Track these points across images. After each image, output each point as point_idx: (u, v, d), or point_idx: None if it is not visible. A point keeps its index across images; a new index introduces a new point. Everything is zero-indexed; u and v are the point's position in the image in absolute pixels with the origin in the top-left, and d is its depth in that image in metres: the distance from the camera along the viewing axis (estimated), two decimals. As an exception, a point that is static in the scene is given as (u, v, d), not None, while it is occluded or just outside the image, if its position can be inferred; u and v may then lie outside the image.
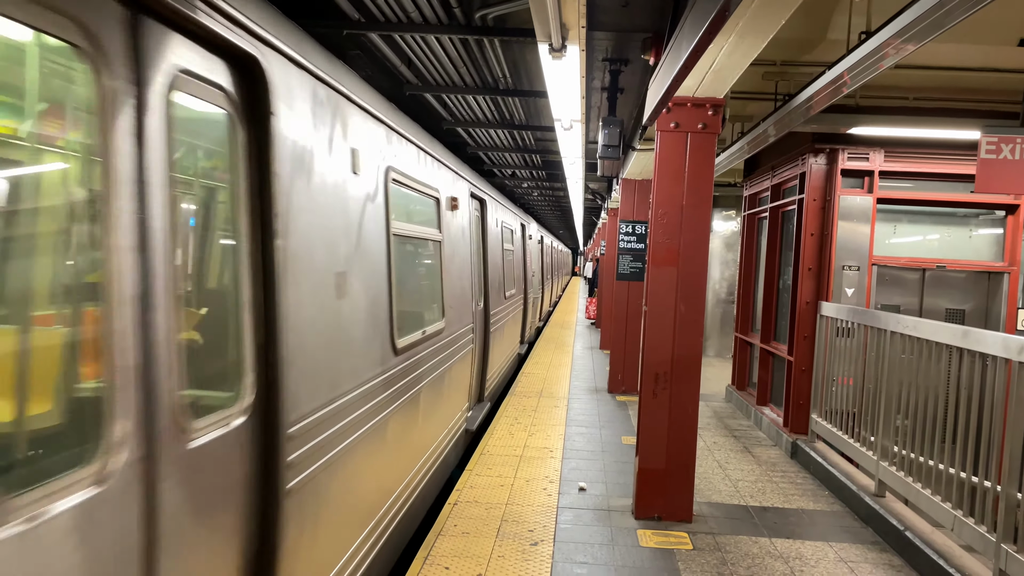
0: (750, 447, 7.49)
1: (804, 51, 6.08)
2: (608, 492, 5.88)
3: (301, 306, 2.89)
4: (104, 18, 1.85)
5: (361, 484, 3.77)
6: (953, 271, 7.39)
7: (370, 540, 3.97)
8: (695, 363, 5.29)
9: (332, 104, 3.33)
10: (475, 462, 6.53)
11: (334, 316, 3.30)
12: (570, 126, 7.01)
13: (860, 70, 4.35)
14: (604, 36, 5.75)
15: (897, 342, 5.29)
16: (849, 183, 7.13)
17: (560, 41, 4.19)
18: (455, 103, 8.69)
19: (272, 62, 2.69)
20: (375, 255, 4.00)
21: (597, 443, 7.41)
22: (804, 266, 7.19)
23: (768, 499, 5.88)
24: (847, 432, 6.14)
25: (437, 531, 4.91)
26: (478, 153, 12.82)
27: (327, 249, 3.22)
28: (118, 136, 1.90)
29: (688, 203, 5.20)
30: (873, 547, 4.99)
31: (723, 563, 4.63)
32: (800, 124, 6.09)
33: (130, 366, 1.91)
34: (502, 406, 8.96)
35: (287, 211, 2.77)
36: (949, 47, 5.62)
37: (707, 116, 5.12)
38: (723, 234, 14.15)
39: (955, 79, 6.40)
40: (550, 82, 5.39)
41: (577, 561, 4.57)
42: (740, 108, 8.01)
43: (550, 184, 18.68)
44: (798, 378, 7.23)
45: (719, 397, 10.13)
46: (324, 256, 3.18)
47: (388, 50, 6.30)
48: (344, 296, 3.44)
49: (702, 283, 5.28)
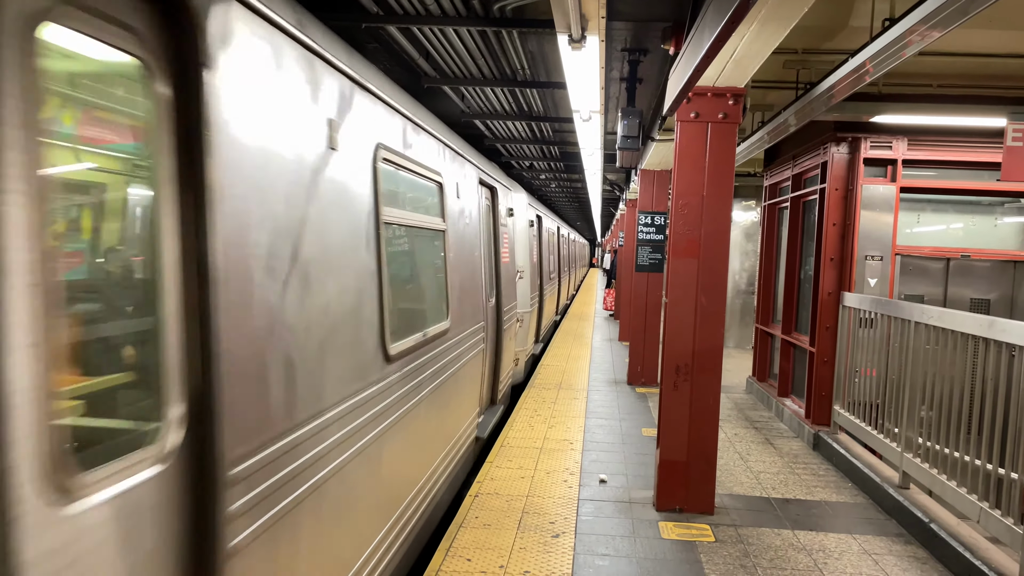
0: (771, 439, 7.45)
1: (826, 39, 6.00)
2: (629, 484, 5.88)
3: (250, 314, 2.29)
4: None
5: (336, 526, 3.08)
6: (978, 260, 7.29)
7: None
8: (716, 355, 5.26)
9: (300, 62, 2.71)
10: (495, 454, 6.54)
11: (300, 323, 2.67)
12: (589, 117, 6.98)
13: (883, 58, 4.29)
14: (623, 26, 5.71)
15: (921, 332, 5.23)
16: (872, 172, 7.05)
17: (580, 32, 4.17)
18: (473, 95, 8.68)
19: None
20: (360, 247, 3.37)
21: (617, 435, 7.40)
22: (826, 256, 7.12)
23: (790, 491, 5.85)
24: (870, 423, 6.09)
25: (459, 523, 4.93)
26: (496, 145, 12.80)
27: (290, 241, 2.59)
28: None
29: (709, 193, 5.17)
30: (897, 539, 4.95)
31: (745, 555, 4.62)
32: (822, 113, 6.02)
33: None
34: (521, 398, 8.97)
35: (227, 192, 2.15)
36: (975, 33, 5.53)
37: (728, 106, 5.08)
38: (743, 224, 14.06)
39: (981, 65, 6.29)
40: (569, 73, 5.37)
41: (599, 553, 4.57)
42: (760, 97, 7.93)
43: (568, 175, 18.63)
44: (820, 369, 7.17)
45: (739, 388, 10.08)
46: (285, 249, 2.55)
47: (406, 43, 6.31)
48: (315, 298, 2.81)
49: (723, 274, 5.25)
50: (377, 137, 3.66)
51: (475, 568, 4.29)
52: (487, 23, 5.59)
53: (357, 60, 3.45)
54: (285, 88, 2.57)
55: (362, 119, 3.44)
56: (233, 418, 2.18)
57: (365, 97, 3.49)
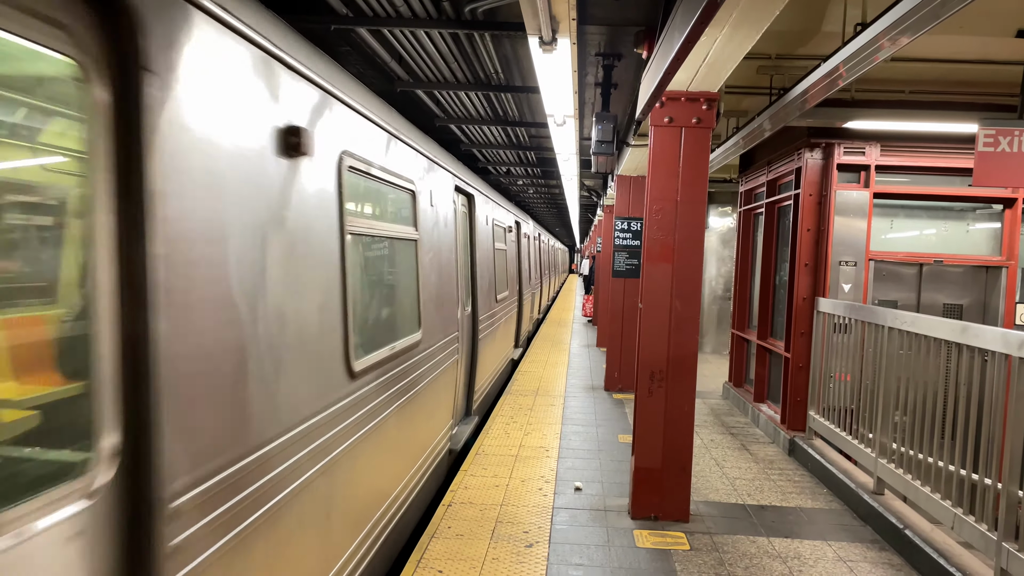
0: (747, 445, 7.43)
1: (799, 44, 6.01)
2: (604, 492, 5.81)
3: (193, 329, 2.16)
4: None
5: (299, 546, 2.97)
6: (950, 266, 7.33)
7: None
8: (691, 360, 5.22)
9: (254, 64, 2.58)
10: (470, 462, 6.46)
11: (251, 339, 2.52)
12: (563, 122, 6.94)
13: (855, 63, 4.28)
14: (597, 30, 5.67)
15: (895, 338, 5.23)
16: (845, 178, 7.07)
17: (550, 34, 4.12)
18: (448, 100, 8.61)
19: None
20: (321, 259, 3.21)
21: (594, 442, 7.34)
22: (801, 262, 7.13)
23: (766, 497, 5.82)
24: (845, 429, 6.09)
25: (431, 533, 4.84)
26: (472, 151, 12.75)
27: (239, 251, 2.45)
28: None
29: (683, 199, 5.13)
30: (872, 546, 4.93)
31: (720, 563, 4.57)
32: (795, 119, 6.02)
33: None
34: (498, 405, 8.89)
35: (168, 199, 2.04)
36: (946, 39, 5.56)
37: (701, 111, 5.05)
38: (719, 230, 14.10)
39: (952, 72, 6.34)
40: (542, 77, 5.31)
41: (572, 563, 4.50)
42: (735, 103, 7.94)
43: (545, 181, 18.60)
44: (795, 375, 7.17)
45: (716, 394, 10.07)
46: (233, 260, 2.41)
47: (378, 46, 6.22)
48: (268, 312, 2.65)
49: (698, 280, 5.21)
50: (343, 144, 3.53)
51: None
52: (459, 25, 5.53)
53: (323, 63, 3.33)
54: (236, 91, 2.44)
55: (326, 125, 3.30)
56: (174, 446, 2.03)
57: (330, 102, 3.35)
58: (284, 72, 2.82)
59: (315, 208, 3.15)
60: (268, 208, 2.68)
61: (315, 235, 3.15)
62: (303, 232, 3.01)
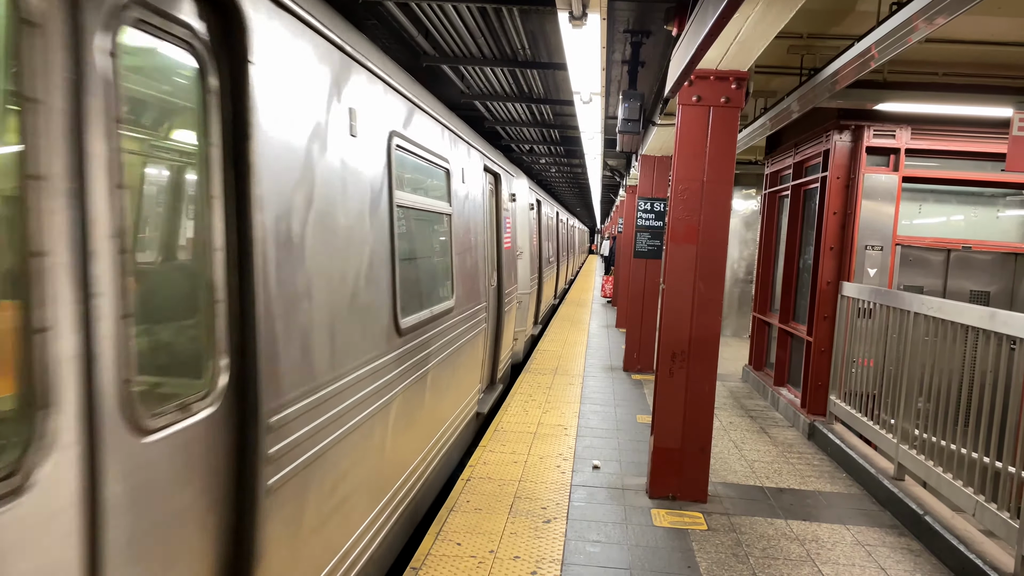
0: (767, 428, 7.42)
1: (832, 23, 5.91)
2: (622, 471, 5.84)
3: (283, 283, 2.58)
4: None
5: (358, 475, 3.44)
6: (979, 252, 7.23)
7: (369, 534, 3.66)
8: (713, 343, 5.20)
9: (325, 55, 2.97)
10: (489, 438, 6.51)
11: (324, 295, 2.95)
12: (589, 99, 6.89)
13: (888, 44, 4.20)
14: (626, 6, 5.61)
15: (920, 323, 5.18)
16: (874, 161, 6.97)
17: (581, 9, 4.08)
18: (472, 75, 8.57)
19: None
20: (375, 229, 3.62)
21: (612, 421, 7.36)
22: (826, 245, 7.06)
23: (784, 480, 5.82)
24: (866, 414, 6.05)
25: (450, 507, 4.90)
26: (495, 128, 12.70)
27: (316, 220, 2.88)
28: (50, 87, 1.55)
29: (709, 179, 5.09)
30: (891, 531, 4.92)
31: (738, 544, 4.58)
32: (825, 100, 5.93)
33: (70, 355, 1.63)
34: (516, 382, 8.93)
35: (266, 174, 2.44)
36: (982, 20, 5.44)
37: (730, 90, 4.99)
38: (743, 213, 13.98)
39: (987, 54, 6.20)
40: (569, 53, 5.28)
41: (590, 539, 4.53)
42: (763, 83, 7.83)
43: (568, 160, 18.52)
44: (817, 359, 7.13)
45: (736, 377, 10.04)
46: (312, 227, 2.84)
47: (405, 19, 6.20)
48: (340, 271, 3.12)
49: (722, 261, 5.18)
50: (391, 125, 3.90)
51: (465, 552, 4.25)
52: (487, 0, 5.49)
53: (376, 53, 3.71)
54: (317, 78, 2.87)
55: (378, 108, 3.69)
56: (270, 376, 2.48)
57: (381, 87, 3.73)
58: (346, 61, 3.21)
59: (373, 181, 3.60)
60: (342, 179, 3.14)
61: (373, 205, 3.59)
62: (365, 202, 3.47)
